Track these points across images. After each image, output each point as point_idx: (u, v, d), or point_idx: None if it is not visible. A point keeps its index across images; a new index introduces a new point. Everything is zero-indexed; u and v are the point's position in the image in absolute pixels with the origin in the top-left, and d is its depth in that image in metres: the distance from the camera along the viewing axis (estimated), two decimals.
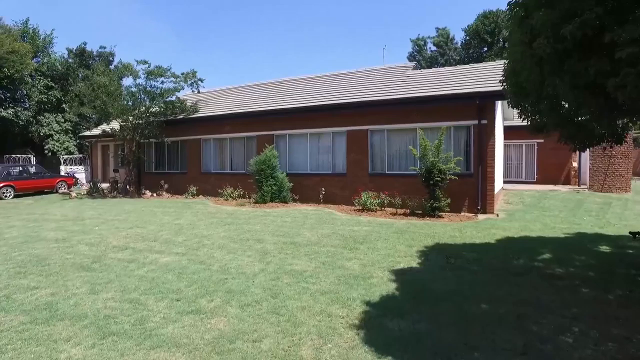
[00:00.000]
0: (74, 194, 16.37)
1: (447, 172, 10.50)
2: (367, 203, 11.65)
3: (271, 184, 13.38)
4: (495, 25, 38.79)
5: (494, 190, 11.45)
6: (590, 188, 16.04)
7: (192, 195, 16.18)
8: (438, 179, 10.40)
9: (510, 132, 18.50)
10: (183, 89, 17.68)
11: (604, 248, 7.13)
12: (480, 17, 39.95)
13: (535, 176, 19.99)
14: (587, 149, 16.05)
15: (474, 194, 11.37)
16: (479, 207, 11.25)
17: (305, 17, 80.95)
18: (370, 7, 77.03)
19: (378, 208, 11.76)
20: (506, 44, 39.65)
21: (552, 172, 19.39)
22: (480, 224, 9.60)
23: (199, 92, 18.54)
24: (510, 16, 4.42)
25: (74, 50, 27.95)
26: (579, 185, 17.81)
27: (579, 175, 18.08)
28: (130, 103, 16.14)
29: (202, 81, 17.99)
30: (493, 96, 10.94)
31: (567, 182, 19.08)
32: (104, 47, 29.02)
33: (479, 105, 11.17)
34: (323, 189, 13.37)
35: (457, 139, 11.89)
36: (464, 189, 11.33)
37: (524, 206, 12.49)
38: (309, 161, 14.30)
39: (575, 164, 18.82)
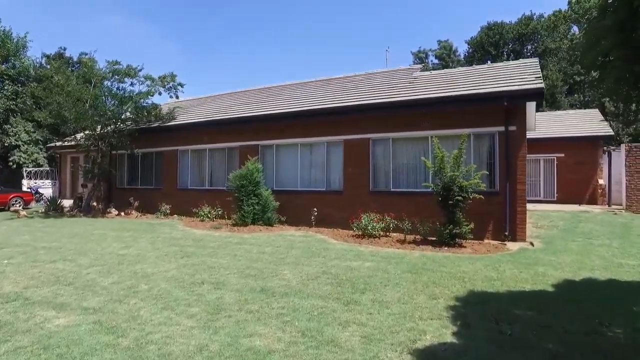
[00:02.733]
0: (22, 213, 14.01)
1: (470, 190, 8.33)
2: (369, 227, 9.38)
3: (253, 202, 11.16)
4: (499, 37, 37.27)
5: (525, 213, 9.26)
6: (628, 209, 13.79)
7: (164, 215, 13.91)
8: (459, 197, 8.20)
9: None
10: (160, 93, 15.70)
11: None
12: (484, 29, 38.51)
13: (555, 194, 17.84)
14: (625, 164, 14.10)
15: (499, 216, 9.24)
16: (506, 233, 9.08)
17: (306, 31, 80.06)
18: (370, 20, 76.17)
19: (382, 234, 9.52)
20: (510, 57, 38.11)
21: (575, 190, 17.24)
22: (517, 257, 7.36)
23: (177, 97, 16.47)
24: None
25: (51, 56, 25.93)
26: (608, 205, 15.60)
27: (609, 193, 15.89)
28: (94, 108, 13.82)
29: (182, 86, 16.12)
30: (526, 96, 8.86)
31: (592, 201, 16.89)
32: (85, 53, 26.96)
33: (506, 108, 9.13)
34: (315, 209, 11.12)
35: (478, 150, 9.85)
36: (488, 210, 9.17)
37: (560, 231, 10.25)
38: (300, 176, 12.12)
39: (602, 181, 16.66)
